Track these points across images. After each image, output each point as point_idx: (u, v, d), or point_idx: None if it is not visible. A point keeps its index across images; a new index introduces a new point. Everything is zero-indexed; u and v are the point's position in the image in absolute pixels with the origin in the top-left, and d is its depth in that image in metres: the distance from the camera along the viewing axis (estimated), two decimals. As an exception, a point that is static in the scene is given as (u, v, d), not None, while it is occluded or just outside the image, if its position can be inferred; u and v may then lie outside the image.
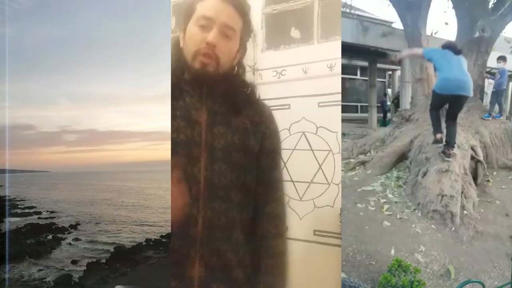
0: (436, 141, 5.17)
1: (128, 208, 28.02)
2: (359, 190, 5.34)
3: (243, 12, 1.71)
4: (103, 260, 12.13)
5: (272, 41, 2.76)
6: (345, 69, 18.64)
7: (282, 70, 2.75)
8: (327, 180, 2.63)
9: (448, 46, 5.08)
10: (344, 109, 18.73)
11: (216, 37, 1.62)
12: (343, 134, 9.93)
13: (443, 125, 5.19)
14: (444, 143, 5.03)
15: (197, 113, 1.64)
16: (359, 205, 4.92)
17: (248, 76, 1.87)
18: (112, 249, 13.50)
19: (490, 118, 6.53)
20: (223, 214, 1.62)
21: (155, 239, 15.18)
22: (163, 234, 16.07)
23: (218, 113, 1.66)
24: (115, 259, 11.97)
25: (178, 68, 1.69)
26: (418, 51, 5.79)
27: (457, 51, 5.02)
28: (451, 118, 5.08)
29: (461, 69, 4.90)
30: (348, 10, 11.86)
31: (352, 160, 6.47)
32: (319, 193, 2.63)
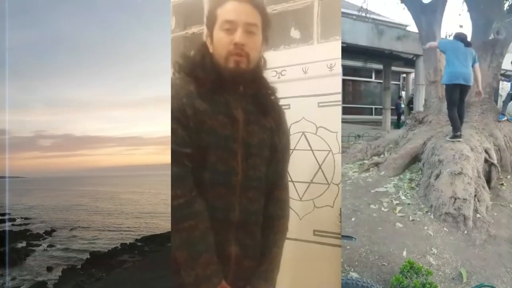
0: (455, 137, 5.42)
1: (103, 213, 27.62)
2: (372, 191, 5.28)
3: (260, 7, 1.82)
4: (79, 266, 11.80)
5: (272, 41, 2.71)
6: (360, 71, 18.60)
7: (282, 70, 2.74)
8: (327, 180, 2.60)
9: (460, 38, 5.53)
10: (359, 111, 18.97)
11: (242, 37, 1.73)
12: (358, 136, 9.87)
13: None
14: (452, 129, 5.52)
15: (236, 111, 1.76)
16: (372, 206, 4.85)
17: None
18: (87, 255, 13.19)
19: (504, 119, 6.35)
20: (256, 201, 1.80)
21: (130, 243, 14.96)
22: (137, 238, 15.92)
23: (251, 112, 1.80)
24: (90, 264, 11.68)
25: (213, 68, 1.76)
26: (435, 43, 6.06)
27: (467, 43, 5.50)
28: (460, 106, 5.62)
29: (465, 63, 5.40)
30: (363, 14, 11.75)
31: (366, 162, 6.43)
32: (319, 193, 2.61)
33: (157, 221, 22.90)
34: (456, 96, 5.52)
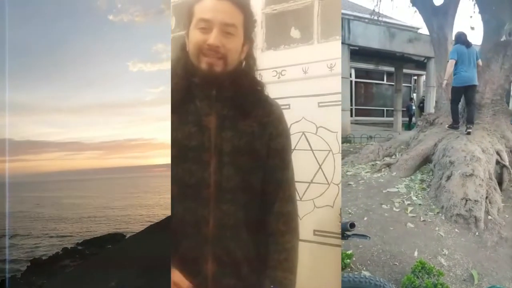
0: (453, 127, 6.13)
1: (45, 219, 26.10)
2: (384, 191, 5.23)
3: (241, 5, 1.64)
4: (19, 276, 10.77)
5: (272, 41, 2.70)
6: (372, 74, 18.54)
7: (282, 70, 2.68)
8: (327, 180, 2.55)
9: (461, 41, 6.07)
10: (371, 113, 18.89)
11: (216, 38, 1.57)
12: (370, 137, 9.81)
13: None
14: (466, 122, 5.97)
15: (207, 118, 1.61)
16: (384, 206, 4.81)
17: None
18: (28, 263, 12.17)
19: None
20: (232, 215, 1.61)
21: (71, 247, 14.26)
22: (79, 242, 15.20)
23: (226, 117, 1.62)
24: (31, 272, 10.81)
25: (185, 72, 1.63)
26: (450, 65, 6.14)
27: (468, 44, 6.04)
28: (469, 103, 6.05)
29: (470, 66, 5.95)
30: (375, 17, 11.69)
31: (378, 162, 6.38)
32: (319, 193, 2.56)
33: (98, 224, 22.32)
34: (460, 95, 6.13)
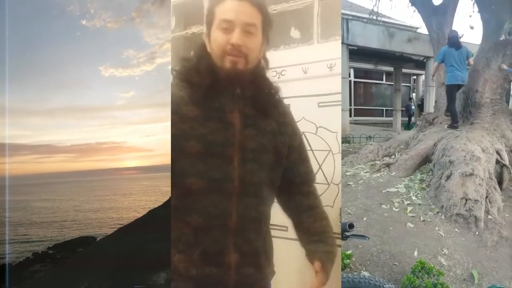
0: (452, 127, 6.26)
1: (14, 223, 24.81)
2: (383, 191, 5.21)
3: (260, 6, 1.70)
4: None
5: (272, 41, 2.66)
6: (371, 74, 18.53)
7: (282, 70, 2.68)
8: (327, 180, 2.55)
9: (450, 43, 6.39)
10: (370, 112, 18.89)
11: (239, 38, 1.62)
12: (369, 137, 9.80)
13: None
14: (451, 120, 6.38)
15: (231, 115, 1.67)
16: (383, 206, 4.80)
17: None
18: None
19: None
20: (253, 208, 1.69)
21: (42, 251, 13.88)
22: (49, 246, 14.80)
23: (249, 115, 1.69)
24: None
25: (209, 70, 1.67)
26: (434, 67, 6.88)
27: (458, 47, 6.33)
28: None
29: (461, 65, 6.29)
30: (374, 17, 11.70)
31: (377, 162, 6.37)
32: (319, 193, 2.53)
33: (69, 227, 22.02)
34: (455, 94, 6.39)
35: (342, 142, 9.67)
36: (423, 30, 12.11)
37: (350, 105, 15.72)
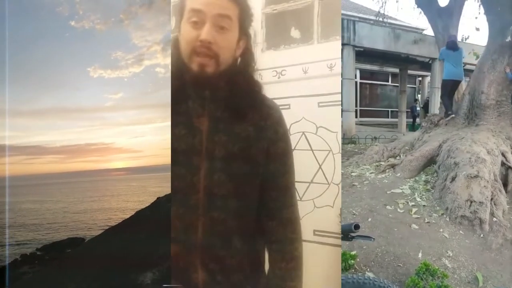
0: (447, 115, 6.82)
1: (1, 226, 23.96)
2: (388, 192, 5.18)
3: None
4: None
5: (272, 41, 2.67)
6: (377, 75, 18.47)
7: (282, 70, 2.64)
8: (327, 180, 2.51)
9: (448, 46, 6.89)
10: (375, 114, 18.83)
11: (209, 33, 1.42)
12: (374, 138, 9.77)
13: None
14: (445, 110, 6.97)
15: (199, 120, 1.48)
16: (388, 207, 4.76)
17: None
18: None
19: None
20: (222, 222, 1.50)
21: (30, 253, 13.71)
22: (38, 247, 14.59)
23: (220, 119, 1.49)
24: None
25: (178, 70, 1.50)
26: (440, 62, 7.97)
27: (456, 48, 6.86)
28: (451, 96, 7.06)
29: (456, 65, 6.87)
30: (381, 19, 11.67)
31: (382, 163, 6.34)
32: (319, 193, 2.52)
33: (58, 229, 21.79)
34: (448, 88, 6.97)
35: (348, 143, 9.64)
36: (429, 31, 12.06)
37: (356, 106, 15.66)
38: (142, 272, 4.48)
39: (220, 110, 1.49)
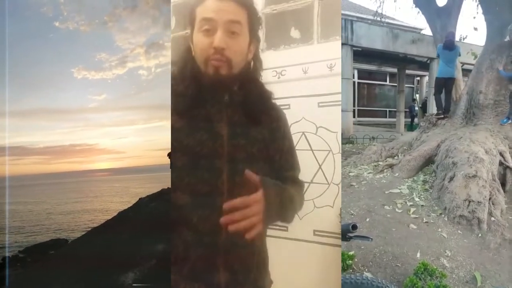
0: (438, 114, 7.05)
1: None
2: (386, 192, 5.18)
3: (244, 1, 1.54)
4: None
5: (272, 41, 2.67)
6: (375, 75, 18.49)
7: (282, 70, 2.65)
8: (327, 180, 2.52)
9: (444, 46, 6.90)
10: (374, 113, 18.85)
11: (222, 39, 1.48)
12: (372, 138, 9.77)
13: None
14: (443, 110, 7.03)
15: (219, 125, 1.53)
16: (386, 207, 4.76)
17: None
18: None
19: (509, 122, 6.13)
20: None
21: (12, 255, 12.93)
22: (20, 249, 13.90)
23: (238, 124, 1.55)
24: None
25: (195, 76, 1.53)
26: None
27: (451, 48, 6.85)
28: (448, 93, 7.06)
29: (450, 63, 6.95)
30: (379, 19, 11.68)
31: (380, 163, 6.34)
32: (319, 193, 2.52)
33: (41, 230, 21.39)
34: (441, 86, 7.06)
35: (346, 143, 9.64)
36: (427, 31, 12.10)
37: (354, 106, 15.67)
38: (124, 272, 4.47)
39: (237, 115, 1.55)
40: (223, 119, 1.54)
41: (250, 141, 1.56)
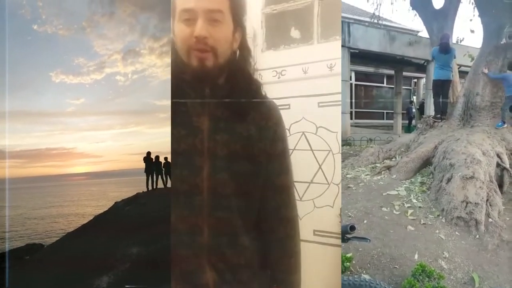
0: (437, 118, 7.03)
1: None
2: (384, 194, 5.18)
3: None
4: None
5: (272, 41, 2.67)
6: (372, 77, 18.51)
7: (282, 70, 2.64)
8: (327, 180, 2.52)
9: (440, 50, 6.92)
10: (371, 115, 18.86)
11: (203, 28, 1.42)
12: (370, 140, 9.78)
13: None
14: (440, 114, 7.05)
15: (199, 119, 1.48)
16: (384, 208, 4.76)
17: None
18: None
19: (504, 127, 6.15)
20: (227, 221, 1.51)
21: None
22: None
23: (221, 118, 1.49)
24: None
25: (177, 69, 1.49)
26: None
27: (447, 51, 6.87)
28: (444, 96, 7.05)
29: (445, 66, 6.97)
30: (376, 21, 11.72)
31: (378, 165, 6.35)
32: (319, 193, 2.52)
33: (15, 236, 20.71)
34: (438, 88, 7.07)
35: (343, 145, 9.64)
36: (424, 33, 12.14)
37: (351, 108, 15.71)
38: (99, 276, 4.46)
39: (220, 109, 1.48)
40: (205, 113, 1.48)
41: (234, 137, 1.49)
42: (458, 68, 7.74)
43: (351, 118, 14.41)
